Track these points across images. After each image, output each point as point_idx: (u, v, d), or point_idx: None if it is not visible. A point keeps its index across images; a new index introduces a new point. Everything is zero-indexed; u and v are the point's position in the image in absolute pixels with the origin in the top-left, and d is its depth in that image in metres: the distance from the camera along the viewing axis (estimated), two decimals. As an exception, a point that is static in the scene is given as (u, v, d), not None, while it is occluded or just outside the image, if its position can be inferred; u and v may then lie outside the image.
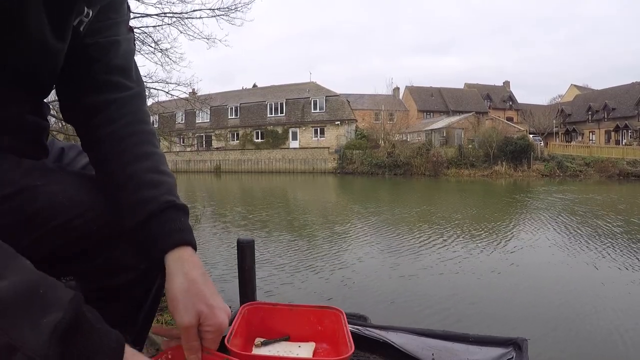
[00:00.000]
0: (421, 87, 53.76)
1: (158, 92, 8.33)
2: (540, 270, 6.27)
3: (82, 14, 0.61)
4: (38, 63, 0.59)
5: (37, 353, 0.32)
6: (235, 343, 0.73)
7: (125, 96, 0.68)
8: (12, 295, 0.33)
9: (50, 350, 0.33)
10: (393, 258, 6.90)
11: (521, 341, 0.87)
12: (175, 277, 0.56)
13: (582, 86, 54.57)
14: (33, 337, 0.33)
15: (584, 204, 13.98)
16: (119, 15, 0.69)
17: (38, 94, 0.64)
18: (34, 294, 0.35)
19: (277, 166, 36.20)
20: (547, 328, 4.13)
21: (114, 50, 0.67)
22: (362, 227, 9.82)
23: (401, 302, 4.95)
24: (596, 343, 3.88)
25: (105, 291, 0.63)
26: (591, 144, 36.66)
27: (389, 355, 0.91)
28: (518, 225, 10.55)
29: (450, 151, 31.01)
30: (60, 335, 0.34)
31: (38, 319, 0.34)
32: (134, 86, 0.70)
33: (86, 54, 0.66)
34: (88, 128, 0.67)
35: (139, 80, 0.72)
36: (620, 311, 4.56)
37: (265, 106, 39.68)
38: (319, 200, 17.17)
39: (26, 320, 0.33)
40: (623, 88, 41.25)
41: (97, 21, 0.66)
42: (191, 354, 0.56)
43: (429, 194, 19.69)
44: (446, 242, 8.03)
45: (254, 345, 0.81)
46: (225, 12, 7.40)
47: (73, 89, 0.68)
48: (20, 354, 0.32)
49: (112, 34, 0.67)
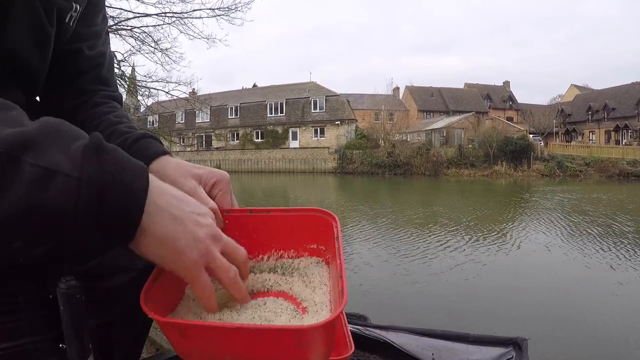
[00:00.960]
0: (421, 87, 53.77)
1: (158, 91, 8.34)
2: (541, 270, 6.28)
3: (72, 9, 0.64)
4: (28, 47, 0.59)
5: (73, 171, 0.35)
6: None
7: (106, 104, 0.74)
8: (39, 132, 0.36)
9: (85, 166, 0.36)
10: (393, 258, 6.91)
11: (521, 341, 0.87)
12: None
13: (582, 86, 54.63)
14: (67, 160, 0.35)
15: (592, 204, 14.00)
16: (101, 21, 0.75)
17: (29, 87, 0.64)
18: (58, 130, 0.38)
19: (277, 166, 36.19)
20: (547, 328, 4.13)
21: (100, 64, 0.74)
22: (361, 227, 9.82)
23: (401, 301, 4.95)
24: (596, 343, 3.88)
25: (103, 292, 0.63)
26: (591, 144, 36.66)
27: (389, 355, 0.91)
28: (519, 225, 10.55)
29: (450, 151, 31.02)
30: (90, 154, 0.37)
31: (68, 146, 0.36)
32: (116, 95, 0.77)
33: (75, 65, 0.71)
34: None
35: (116, 87, 0.80)
36: (620, 311, 4.57)
37: (265, 106, 39.68)
38: (319, 200, 17.16)
39: (56, 148, 0.36)
40: (623, 88, 41.26)
41: (85, 25, 0.69)
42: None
43: (429, 194, 19.69)
44: (446, 242, 8.04)
45: None
46: (226, 12, 7.43)
47: (58, 93, 0.71)
48: (60, 174, 0.34)
49: (99, 43, 0.74)
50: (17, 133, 0.34)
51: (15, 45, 0.56)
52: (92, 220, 0.36)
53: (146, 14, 7.04)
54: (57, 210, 0.34)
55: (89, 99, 0.74)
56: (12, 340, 0.47)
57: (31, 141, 0.35)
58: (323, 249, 0.58)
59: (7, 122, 0.36)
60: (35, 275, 0.50)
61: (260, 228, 0.60)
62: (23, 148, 0.34)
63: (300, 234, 0.59)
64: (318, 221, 0.58)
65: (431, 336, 0.94)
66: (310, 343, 0.40)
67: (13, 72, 0.59)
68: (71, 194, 0.34)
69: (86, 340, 0.47)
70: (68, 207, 0.34)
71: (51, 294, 0.48)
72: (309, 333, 0.39)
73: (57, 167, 0.34)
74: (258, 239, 0.60)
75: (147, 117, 18.66)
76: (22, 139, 0.34)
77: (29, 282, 0.49)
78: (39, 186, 0.33)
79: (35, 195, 0.33)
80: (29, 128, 0.36)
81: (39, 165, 0.34)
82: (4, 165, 0.33)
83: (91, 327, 0.48)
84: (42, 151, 0.35)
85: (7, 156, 0.33)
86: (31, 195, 0.33)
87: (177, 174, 0.61)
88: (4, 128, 0.35)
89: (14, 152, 0.33)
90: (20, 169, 0.33)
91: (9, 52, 0.56)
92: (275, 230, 0.60)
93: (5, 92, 0.59)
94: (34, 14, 0.57)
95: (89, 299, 0.46)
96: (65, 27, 0.64)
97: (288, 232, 0.60)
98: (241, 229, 0.59)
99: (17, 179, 0.33)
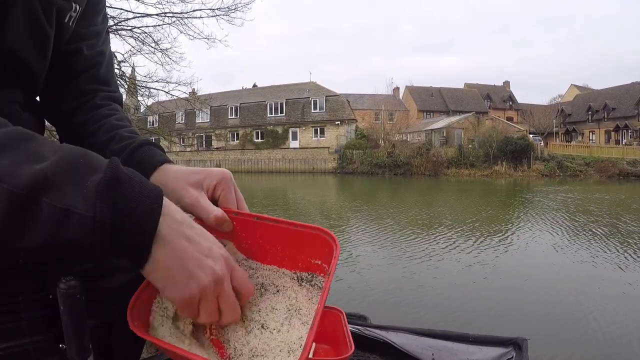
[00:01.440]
0: (421, 87, 53.76)
1: (158, 92, 8.34)
2: (541, 270, 6.27)
3: (71, 9, 0.64)
4: (28, 47, 0.59)
5: (88, 210, 0.37)
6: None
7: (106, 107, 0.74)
8: (57, 171, 0.38)
9: (98, 205, 0.38)
10: (393, 258, 6.91)
11: (521, 341, 0.87)
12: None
13: (582, 86, 54.62)
14: (82, 199, 0.38)
15: (595, 204, 13.99)
16: (101, 21, 0.74)
17: (29, 87, 0.64)
18: (75, 166, 0.39)
19: (277, 166, 36.19)
20: (547, 328, 4.13)
21: (99, 64, 0.74)
22: (362, 227, 9.82)
23: (401, 301, 4.95)
24: (597, 343, 3.88)
25: (103, 292, 0.63)
26: (591, 144, 36.66)
27: (389, 355, 0.91)
28: (523, 225, 10.55)
29: (450, 151, 31.02)
30: (103, 190, 0.38)
31: (83, 183, 0.38)
32: (116, 96, 0.77)
33: (73, 65, 0.70)
34: (71, 127, 0.72)
35: (116, 86, 0.80)
36: (621, 311, 4.56)
37: (265, 106, 39.67)
38: (319, 200, 17.16)
39: (73, 186, 0.38)
40: (623, 88, 41.26)
41: (85, 25, 0.69)
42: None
43: (430, 194, 19.69)
44: (447, 242, 8.03)
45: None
46: (226, 12, 7.43)
47: (57, 93, 0.71)
48: (75, 215, 0.37)
49: (99, 43, 0.74)
50: (37, 173, 0.37)
51: (14, 45, 0.56)
52: (106, 252, 0.40)
53: (146, 14, 7.04)
54: (74, 243, 0.38)
55: (89, 100, 0.73)
56: (12, 340, 0.48)
57: (50, 182, 0.37)
58: (325, 268, 0.58)
59: (28, 157, 0.38)
60: (35, 275, 0.50)
61: (264, 236, 0.60)
62: (42, 190, 0.36)
63: (302, 251, 0.59)
64: (321, 242, 0.57)
65: (431, 336, 0.94)
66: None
67: (13, 72, 0.59)
68: (87, 232, 0.37)
69: (86, 340, 0.47)
70: (84, 242, 0.38)
71: (51, 294, 0.48)
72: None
73: (73, 207, 0.37)
74: (263, 245, 0.61)
75: (147, 117, 18.65)
76: (41, 180, 0.37)
77: (29, 282, 0.50)
78: (57, 224, 0.37)
79: (54, 233, 0.37)
80: (47, 165, 0.38)
81: (57, 206, 0.37)
82: (27, 207, 0.36)
83: (91, 327, 0.48)
84: (59, 190, 0.37)
85: (28, 198, 0.36)
86: (50, 232, 0.37)
87: (177, 186, 0.61)
88: (25, 166, 0.37)
89: (34, 193, 0.36)
90: (40, 210, 0.36)
91: (8, 52, 0.56)
92: (278, 241, 0.60)
93: (5, 92, 0.59)
94: (33, 14, 0.57)
95: (89, 299, 0.47)
96: (64, 27, 0.64)
97: (290, 247, 0.60)
98: (248, 232, 0.60)
99: (38, 218, 0.36)
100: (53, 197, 0.37)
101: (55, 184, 0.37)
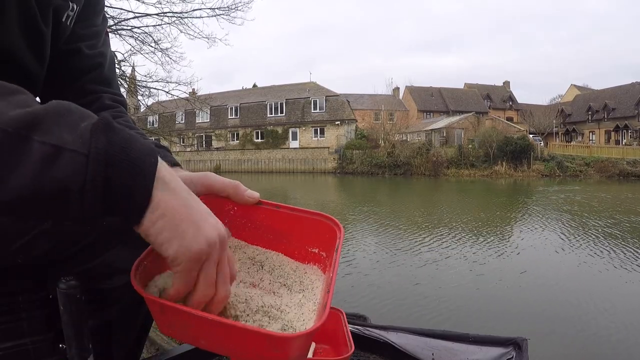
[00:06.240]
0: (421, 87, 53.75)
1: (158, 91, 8.34)
2: (541, 270, 6.27)
3: (68, 8, 0.64)
4: (24, 49, 0.58)
5: (82, 148, 0.35)
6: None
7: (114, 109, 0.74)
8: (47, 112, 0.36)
9: (92, 143, 0.35)
10: (393, 258, 6.90)
11: (521, 341, 0.87)
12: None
13: (582, 86, 54.61)
14: (75, 137, 0.35)
15: (598, 203, 13.98)
16: (101, 21, 0.75)
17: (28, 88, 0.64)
18: (67, 110, 0.37)
19: (277, 166, 36.18)
20: (547, 328, 4.13)
21: (101, 65, 0.74)
22: (362, 227, 9.82)
23: (401, 301, 4.95)
24: (597, 343, 3.88)
25: (103, 292, 0.63)
26: (591, 144, 36.65)
27: (389, 355, 0.91)
28: (523, 225, 10.55)
29: (450, 151, 31.01)
30: (97, 131, 0.36)
31: (76, 124, 0.36)
32: (122, 100, 0.77)
33: (75, 65, 0.70)
34: None
35: (118, 88, 0.80)
36: (621, 311, 4.56)
37: (265, 106, 39.67)
38: (319, 200, 17.16)
39: (64, 127, 0.35)
40: (623, 88, 41.25)
41: (84, 25, 0.69)
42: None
43: (430, 194, 19.69)
44: (447, 242, 8.03)
45: None
46: (226, 12, 7.43)
47: (60, 94, 0.70)
48: (68, 152, 0.34)
49: (99, 44, 0.74)
50: (26, 113, 0.35)
51: (10, 46, 0.56)
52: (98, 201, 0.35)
53: (146, 14, 7.05)
54: (64, 190, 0.34)
55: (95, 100, 0.73)
56: (12, 340, 0.48)
57: (39, 120, 0.35)
58: (324, 255, 0.58)
59: (16, 104, 0.36)
60: (35, 275, 0.50)
61: (266, 221, 0.60)
62: (32, 127, 0.34)
63: (304, 236, 0.59)
64: (324, 227, 0.57)
65: (431, 336, 0.94)
66: (283, 349, 0.40)
67: (10, 73, 0.58)
68: (79, 170, 0.34)
69: (86, 340, 0.47)
70: (75, 183, 0.34)
71: (51, 294, 0.48)
72: (282, 341, 0.40)
73: (65, 144, 0.34)
74: (265, 232, 0.60)
75: (147, 117, 18.66)
76: (30, 119, 0.34)
77: (29, 282, 0.49)
78: (48, 163, 0.34)
79: (44, 172, 0.33)
80: (37, 108, 0.36)
81: (47, 142, 0.34)
82: (14, 144, 0.33)
83: (91, 327, 0.48)
84: (50, 129, 0.35)
85: (16, 135, 0.33)
86: (39, 170, 0.33)
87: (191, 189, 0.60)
88: (13, 109, 0.35)
89: (23, 131, 0.34)
90: (29, 147, 0.33)
91: (4, 53, 0.55)
92: (281, 227, 0.60)
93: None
94: (28, 14, 0.56)
95: (89, 299, 0.46)
96: (62, 27, 0.64)
97: (293, 232, 0.60)
98: (249, 218, 0.60)
99: (26, 157, 0.33)
100: (43, 135, 0.34)
101: (45, 123, 0.35)
